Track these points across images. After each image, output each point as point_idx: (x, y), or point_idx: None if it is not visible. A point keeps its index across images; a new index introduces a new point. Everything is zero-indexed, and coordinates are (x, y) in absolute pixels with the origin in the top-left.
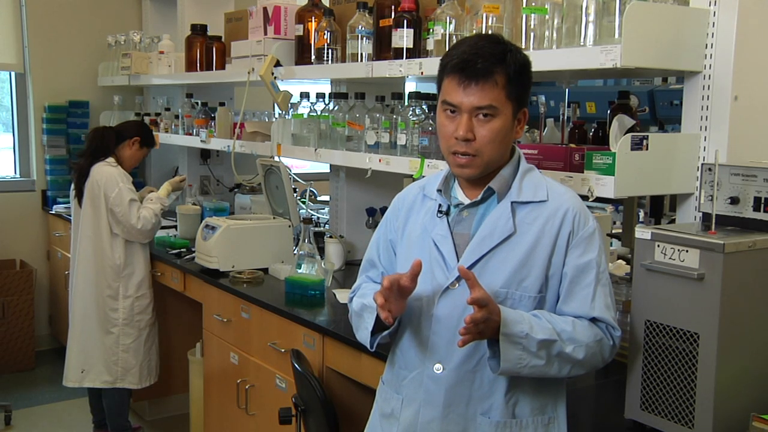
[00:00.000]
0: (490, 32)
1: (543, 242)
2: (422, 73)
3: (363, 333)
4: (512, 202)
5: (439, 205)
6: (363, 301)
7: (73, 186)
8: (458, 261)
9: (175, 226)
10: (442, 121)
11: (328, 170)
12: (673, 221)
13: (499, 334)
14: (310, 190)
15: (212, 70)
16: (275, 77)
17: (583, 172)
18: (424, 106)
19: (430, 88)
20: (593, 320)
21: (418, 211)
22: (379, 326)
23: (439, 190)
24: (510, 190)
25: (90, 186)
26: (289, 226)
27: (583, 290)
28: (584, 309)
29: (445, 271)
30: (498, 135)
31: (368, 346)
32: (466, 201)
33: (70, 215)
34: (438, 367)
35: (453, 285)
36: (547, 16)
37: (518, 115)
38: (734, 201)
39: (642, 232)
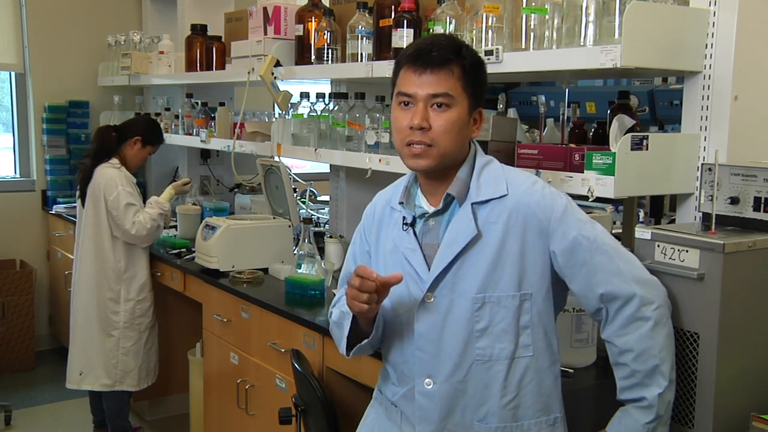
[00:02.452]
0: (490, 32)
1: (510, 239)
2: None
3: (342, 341)
4: (472, 204)
5: (404, 218)
6: (342, 309)
7: (78, 187)
8: (429, 271)
9: (175, 226)
10: (397, 114)
11: (328, 170)
12: (673, 221)
13: None
14: (310, 190)
15: (212, 70)
16: (275, 77)
17: (583, 172)
18: None
19: None
20: (602, 300)
21: (388, 224)
22: (358, 335)
23: (401, 203)
24: (469, 190)
25: (92, 188)
26: (289, 226)
27: (581, 269)
28: (590, 288)
29: (418, 283)
30: (454, 126)
31: (344, 353)
32: (431, 209)
33: (70, 215)
34: (428, 382)
35: (428, 298)
36: (547, 16)
37: (474, 114)
38: (734, 201)
39: (642, 232)
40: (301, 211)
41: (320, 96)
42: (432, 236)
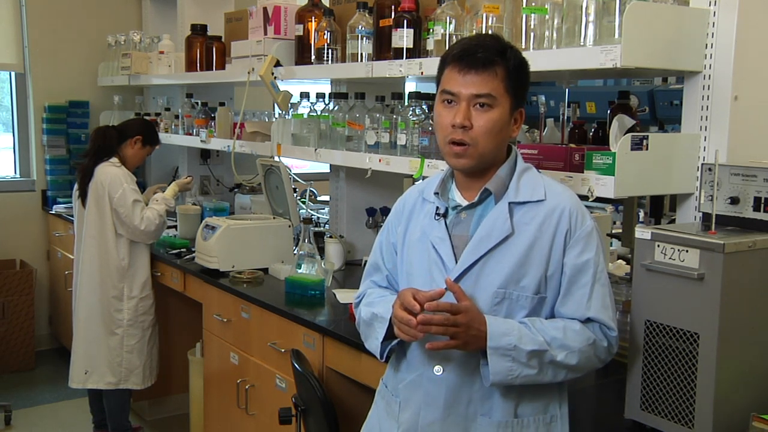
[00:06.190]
0: (490, 32)
1: (540, 242)
2: (422, 73)
3: (373, 343)
4: (510, 203)
5: (437, 208)
6: (373, 310)
7: (76, 186)
8: (456, 262)
9: (175, 226)
10: (440, 111)
11: (328, 170)
12: (673, 221)
13: (487, 347)
14: (310, 190)
15: (212, 70)
16: (275, 77)
17: (583, 172)
18: (424, 106)
19: (430, 88)
20: (588, 320)
21: (418, 215)
22: (387, 335)
23: (436, 193)
24: (507, 190)
25: (94, 186)
26: (289, 226)
27: (579, 290)
28: (580, 309)
29: (443, 273)
30: (495, 126)
31: (378, 357)
32: (464, 203)
33: (70, 215)
34: (438, 369)
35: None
36: (547, 16)
37: (515, 113)
38: (734, 201)
39: (642, 232)
40: (301, 211)
41: (320, 96)
42: (462, 228)
